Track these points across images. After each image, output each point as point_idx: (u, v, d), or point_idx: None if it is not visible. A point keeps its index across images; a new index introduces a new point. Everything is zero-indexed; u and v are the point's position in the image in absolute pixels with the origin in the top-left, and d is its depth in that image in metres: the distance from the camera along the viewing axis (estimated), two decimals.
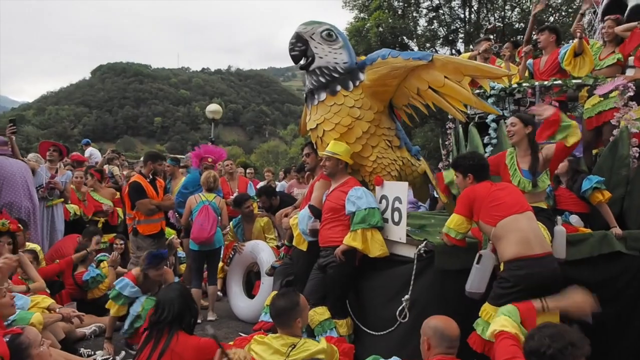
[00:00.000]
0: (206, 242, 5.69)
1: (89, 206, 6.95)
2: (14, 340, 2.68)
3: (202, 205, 5.80)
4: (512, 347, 2.58)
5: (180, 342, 3.34)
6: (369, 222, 4.06)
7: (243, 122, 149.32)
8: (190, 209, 5.87)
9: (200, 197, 5.90)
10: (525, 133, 4.01)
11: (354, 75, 4.42)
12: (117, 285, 4.69)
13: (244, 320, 5.79)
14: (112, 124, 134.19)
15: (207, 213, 5.73)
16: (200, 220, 5.69)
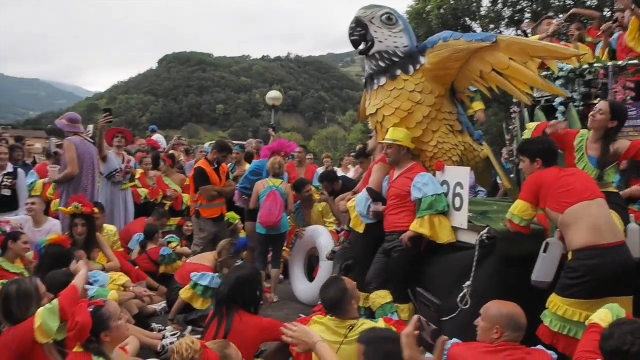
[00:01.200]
0: (273, 226, 5.83)
1: (156, 189, 7.24)
2: (96, 311, 2.86)
3: (269, 191, 5.93)
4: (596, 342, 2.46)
5: (243, 321, 3.46)
6: (436, 209, 4.03)
7: (302, 108, 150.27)
8: (258, 193, 6.02)
9: (267, 182, 6.04)
10: (608, 126, 3.77)
11: (415, 59, 4.36)
12: (203, 281, 4.74)
13: (304, 303, 5.91)
14: (177, 112, 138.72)
15: (274, 198, 5.87)
16: (268, 205, 5.83)
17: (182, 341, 2.39)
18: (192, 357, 2.32)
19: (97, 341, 2.85)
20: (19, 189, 6.13)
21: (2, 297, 3.14)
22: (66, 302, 3.03)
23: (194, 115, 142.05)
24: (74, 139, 5.95)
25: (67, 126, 6.01)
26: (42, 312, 2.96)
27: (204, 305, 4.75)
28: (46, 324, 2.93)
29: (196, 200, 6.28)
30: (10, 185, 5.97)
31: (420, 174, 4.20)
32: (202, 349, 2.36)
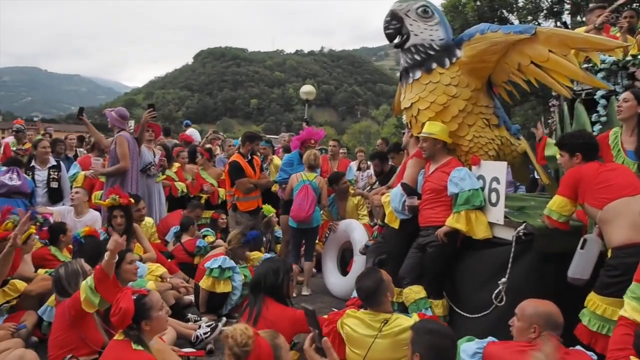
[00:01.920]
0: (304, 220, 5.90)
1: (196, 185, 7.39)
2: (140, 299, 2.96)
3: (302, 185, 5.99)
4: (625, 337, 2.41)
5: (271, 311, 3.50)
6: (472, 204, 3.98)
7: (335, 102, 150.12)
8: (292, 186, 6.10)
9: (301, 176, 6.09)
10: (637, 112, 3.69)
11: (451, 52, 4.31)
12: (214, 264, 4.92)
13: (337, 297, 5.94)
14: (212, 106, 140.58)
15: (306, 192, 5.92)
16: (299, 199, 5.89)
17: (235, 327, 2.42)
18: (245, 343, 2.35)
19: (137, 328, 2.93)
20: (62, 181, 6.38)
21: (54, 279, 3.60)
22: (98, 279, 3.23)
23: (228, 110, 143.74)
24: (126, 135, 6.15)
25: (117, 121, 6.20)
26: (84, 286, 3.22)
27: (226, 288, 4.94)
28: (89, 297, 3.17)
29: (232, 194, 6.37)
30: (57, 178, 6.23)
31: (457, 168, 4.15)
32: (255, 336, 2.40)
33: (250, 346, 2.36)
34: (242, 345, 2.36)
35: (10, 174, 5.44)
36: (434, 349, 2.51)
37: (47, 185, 6.27)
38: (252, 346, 2.36)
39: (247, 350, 2.36)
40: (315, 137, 6.82)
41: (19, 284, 4.20)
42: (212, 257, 5.13)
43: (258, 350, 2.39)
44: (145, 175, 6.52)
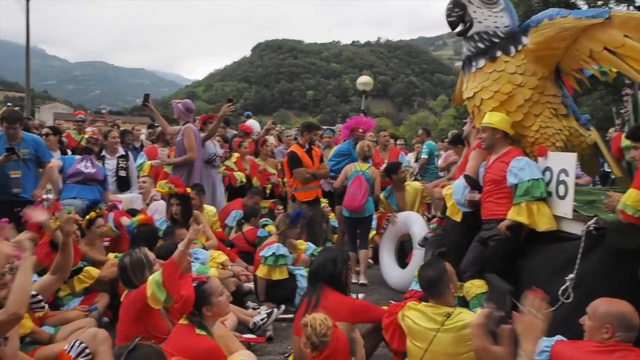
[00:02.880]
0: (356, 210, 5.95)
1: (263, 176, 7.52)
2: (200, 286, 3.05)
3: (355, 175, 6.03)
4: None
5: (330, 300, 3.50)
6: (532, 195, 3.84)
7: (392, 93, 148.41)
8: (346, 176, 6.13)
9: (355, 166, 6.14)
10: None
11: (516, 39, 4.16)
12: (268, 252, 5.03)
13: (394, 289, 5.90)
14: (269, 98, 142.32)
15: (359, 183, 5.94)
16: (352, 189, 5.93)
17: (315, 316, 2.44)
18: (324, 333, 2.37)
19: (199, 314, 3.03)
20: (130, 170, 6.67)
21: (119, 269, 3.60)
22: (167, 275, 3.24)
23: (285, 101, 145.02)
24: (192, 127, 6.37)
25: (183, 113, 6.41)
26: (151, 282, 3.22)
27: (282, 275, 5.03)
28: (155, 294, 3.19)
29: (291, 185, 6.45)
30: (125, 167, 6.52)
31: (516, 158, 4.02)
32: (333, 327, 2.42)
33: (328, 337, 2.37)
34: (320, 335, 2.36)
35: (85, 162, 5.70)
36: None
37: (116, 173, 6.59)
38: (330, 337, 2.37)
39: (325, 341, 2.36)
40: (364, 126, 6.77)
41: (93, 271, 4.45)
42: (266, 245, 5.23)
43: (336, 342, 2.39)
44: (210, 166, 6.69)
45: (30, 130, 6.72)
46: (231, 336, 3.65)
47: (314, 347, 2.42)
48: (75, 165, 5.61)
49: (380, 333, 3.55)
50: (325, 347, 2.40)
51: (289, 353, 3.99)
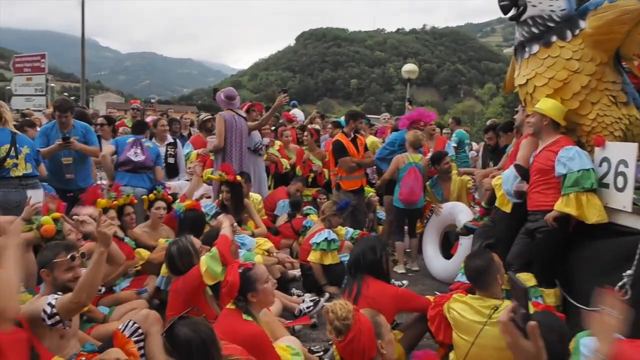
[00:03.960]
0: (414, 203, 5.97)
1: (307, 165, 7.53)
2: (245, 272, 3.10)
3: (409, 167, 5.99)
4: None
5: (372, 288, 3.49)
6: (582, 185, 3.69)
7: (437, 82, 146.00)
8: (397, 167, 6.08)
9: (407, 157, 6.07)
10: None
11: (573, 23, 3.97)
12: (319, 238, 5.10)
13: (439, 280, 5.83)
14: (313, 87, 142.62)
15: (415, 176, 5.94)
16: (410, 182, 5.92)
17: (335, 302, 2.47)
18: (345, 317, 2.39)
19: (244, 300, 3.06)
20: (178, 158, 6.82)
21: (167, 257, 3.72)
22: (222, 248, 3.38)
23: (329, 90, 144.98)
24: (224, 114, 6.40)
25: (224, 102, 6.48)
26: (205, 259, 3.37)
27: (334, 260, 5.10)
28: (210, 268, 3.32)
29: (336, 174, 6.43)
30: (173, 154, 6.67)
31: (565, 147, 3.86)
32: (355, 311, 2.43)
33: (350, 320, 2.38)
34: (342, 319, 2.38)
35: (135, 148, 5.83)
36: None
37: (165, 160, 6.73)
38: (352, 320, 2.38)
39: (348, 323, 2.38)
40: (426, 120, 6.65)
41: (144, 253, 4.61)
42: (314, 233, 5.26)
43: (359, 325, 2.40)
44: (257, 155, 6.76)
45: (90, 120, 6.94)
46: (277, 322, 3.69)
47: (338, 332, 2.45)
48: (126, 153, 5.75)
49: (425, 323, 3.51)
50: (349, 330, 2.41)
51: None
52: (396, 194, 6.10)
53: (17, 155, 4.73)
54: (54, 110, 5.68)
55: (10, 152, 4.69)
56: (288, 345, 3.28)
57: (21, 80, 16.77)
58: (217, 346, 2.35)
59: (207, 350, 2.30)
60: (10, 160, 4.66)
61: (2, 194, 4.70)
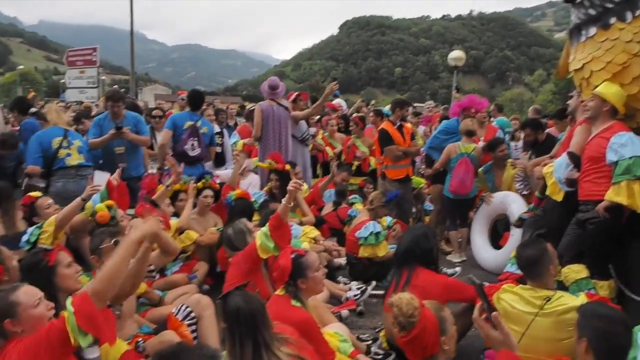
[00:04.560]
0: (463, 195, 5.92)
1: (351, 151, 7.54)
2: (297, 258, 3.14)
3: (461, 158, 5.90)
4: None
5: (422, 278, 3.47)
6: (634, 173, 3.52)
7: (484, 69, 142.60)
8: (449, 157, 6.00)
9: (460, 147, 5.97)
10: None
11: (634, 4, 3.77)
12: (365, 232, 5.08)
13: (487, 270, 5.73)
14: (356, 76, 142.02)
15: (467, 167, 5.86)
16: (461, 174, 5.84)
17: (401, 296, 2.41)
18: (411, 314, 2.35)
19: (294, 285, 3.10)
20: (225, 147, 6.95)
21: (224, 237, 3.96)
22: (273, 226, 3.45)
23: (372, 79, 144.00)
24: (262, 104, 6.49)
25: (266, 92, 6.55)
26: (259, 234, 3.49)
27: (386, 250, 5.09)
28: (264, 243, 3.43)
29: (382, 162, 6.40)
30: (220, 144, 6.79)
31: (619, 133, 3.68)
32: (420, 307, 2.39)
33: (416, 317, 2.34)
34: (407, 316, 2.34)
35: (192, 140, 5.95)
36: (604, 335, 2.30)
37: None
38: (418, 317, 2.34)
39: (413, 321, 2.33)
40: (477, 107, 6.50)
41: (192, 234, 4.78)
42: (360, 225, 5.24)
43: (424, 321, 2.35)
44: (304, 144, 6.82)
45: (141, 111, 7.12)
46: (324, 308, 3.74)
47: (401, 327, 2.40)
48: (183, 145, 5.88)
49: (472, 313, 3.47)
50: (413, 327, 2.37)
51: (380, 328, 4.02)
52: (447, 184, 6.03)
53: (69, 146, 5.21)
54: (107, 101, 5.88)
55: (63, 144, 5.17)
56: (336, 331, 3.32)
57: (74, 73, 17.42)
58: (266, 321, 2.42)
59: (254, 321, 2.37)
60: (63, 151, 5.12)
61: (61, 184, 5.04)
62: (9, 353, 2.12)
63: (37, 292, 2.32)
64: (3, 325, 2.17)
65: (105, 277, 2.19)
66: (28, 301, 2.24)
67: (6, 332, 2.19)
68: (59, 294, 2.76)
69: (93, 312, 2.08)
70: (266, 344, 2.36)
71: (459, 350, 3.03)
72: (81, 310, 2.06)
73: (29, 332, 2.18)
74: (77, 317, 2.04)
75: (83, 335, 2.05)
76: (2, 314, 2.18)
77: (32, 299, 2.27)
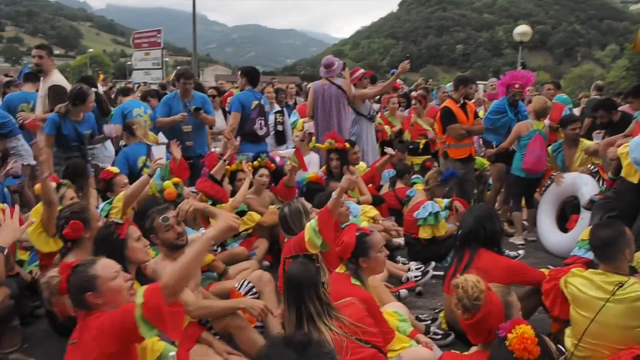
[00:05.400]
0: (537, 172, 5.75)
1: (415, 129, 7.43)
2: (362, 236, 3.11)
3: (534, 135, 5.67)
4: None
5: (484, 259, 3.39)
6: None
7: (551, 44, 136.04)
8: (519, 135, 5.78)
9: (531, 124, 5.74)
10: None
11: None
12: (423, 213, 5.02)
13: (552, 254, 5.53)
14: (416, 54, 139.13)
15: (542, 144, 5.68)
16: (536, 150, 5.64)
17: (467, 278, 2.37)
18: (476, 297, 2.31)
19: (355, 264, 3.11)
20: (285, 125, 7.03)
21: (280, 217, 3.91)
22: (322, 222, 3.39)
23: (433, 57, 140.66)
24: (315, 83, 6.55)
25: (323, 71, 6.54)
26: (308, 228, 3.43)
27: (445, 229, 5.05)
28: (312, 239, 3.39)
29: (444, 141, 6.25)
30: (281, 122, 6.87)
31: None
32: (487, 290, 2.35)
33: (481, 300, 2.29)
34: (472, 298, 2.30)
35: (260, 119, 6.04)
36: None
37: (274, 128, 6.95)
38: (483, 301, 2.29)
39: (478, 304, 2.29)
40: (521, 81, 6.21)
41: (255, 216, 4.88)
42: (417, 205, 5.19)
43: (489, 306, 2.30)
44: (371, 121, 6.79)
45: (205, 91, 7.32)
46: (384, 288, 3.74)
47: (465, 309, 2.36)
48: (252, 125, 5.97)
49: (537, 297, 3.38)
50: (478, 311, 2.33)
51: (440, 309, 3.98)
52: (517, 162, 5.79)
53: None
54: (178, 79, 6.06)
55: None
56: (395, 311, 3.32)
57: (140, 55, 18.05)
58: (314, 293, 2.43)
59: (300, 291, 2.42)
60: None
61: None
62: (90, 324, 2.21)
63: (114, 265, 2.42)
64: (85, 298, 2.26)
65: (177, 273, 2.16)
66: (107, 274, 2.33)
67: (89, 305, 2.27)
68: (129, 266, 2.89)
69: (160, 306, 2.07)
70: (309, 314, 2.39)
71: None
72: (149, 302, 2.06)
73: (109, 304, 2.25)
74: (144, 309, 2.05)
75: (149, 327, 2.06)
76: (83, 287, 2.27)
77: (110, 271, 2.36)
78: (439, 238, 5.05)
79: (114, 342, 2.13)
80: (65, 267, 2.36)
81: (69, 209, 3.29)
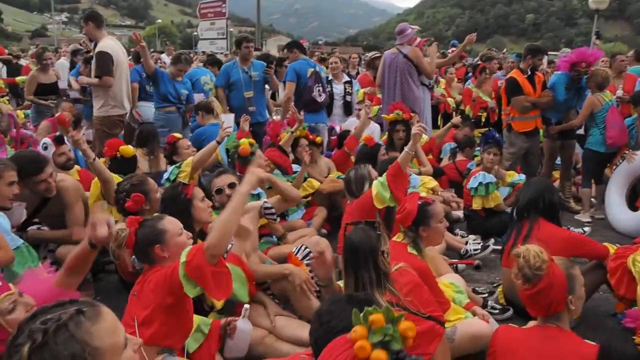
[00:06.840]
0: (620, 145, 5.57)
1: (477, 104, 7.27)
2: (424, 205, 3.06)
3: (609, 107, 5.47)
4: None
5: (544, 231, 3.33)
6: None
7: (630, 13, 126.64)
8: (592, 110, 5.54)
9: (602, 97, 5.50)
10: None
11: None
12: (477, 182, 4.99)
13: (620, 232, 5.31)
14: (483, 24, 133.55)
15: (619, 114, 5.55)
16: (617, 122, 5.46)
17: (529, 247, 2.33)
18: (538, 267, 2.27)
19: (415, 232, 3.09)
20: (352, 96, 7.06)
21: (345, 180, 4.08)
22: (391, 175, 3.50)
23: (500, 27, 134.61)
24: (385, 53, 6.47)
25: (397, 38, 6.42)
26: (376, 183, 3.55)
27: (496, 201, 5.00)
28: (380, 193, 3.48)
29: (508, 113, 6.03)
30: (350, 92, 6.89)
31: None
32: (549, 261, 2.30)
33: (543, 270, 2.23)
34: (534, 268, 2.25)
35: (317, 86, 6.10)
36: None
37: (343, 98, 6.95)
38: (545, 271, 2.24)
39: (540, 274, 2.24)
40: (588, 60, 5.79)
41: (315, 182, 4.99)
42: (471, 176, 5.14)
43: (551, 277, 2.24)
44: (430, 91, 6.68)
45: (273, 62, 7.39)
46: (441, 259, 3.73)
47: (526, 279, 2.31)
48: (310, 93, 6.05)
49: (600, 273, 3.31)
50: (539, 281, 2.28)
51: (498, 283, 3.94)
52: (595, 137, 5.57)
53: None
54: (239, 45, 6.20)
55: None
56: (452, 282, 3.31)
57: (206, 25, 18.42)
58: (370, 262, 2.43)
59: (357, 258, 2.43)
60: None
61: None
62: (149, 278, 2.36)
63: (178, 222, 2.56)
64: (153, 250, 2.40)
65: (218, 232, 2.21)
66: (174, 229, 2.47)
67: (154, 258, 2.41)
68: (195, 224, 3.04)
69: (202, 265, 2.14)
70: (363, 283, 2.41)
71: (584, 312, 2.90)
72: (192, 261, 2.14)
73: (173, 258, 2.37)
74: (187, 267, 2.14)
75: (192, 285, 2.16)
76: (152, 239, 2.41)
77: (177, 227, 2.50)
78: (495, 208, 5.00)
79: (167, 295, 2.26)
80: (133, 221, 2.49)
81: (129, 181, 3.41)
